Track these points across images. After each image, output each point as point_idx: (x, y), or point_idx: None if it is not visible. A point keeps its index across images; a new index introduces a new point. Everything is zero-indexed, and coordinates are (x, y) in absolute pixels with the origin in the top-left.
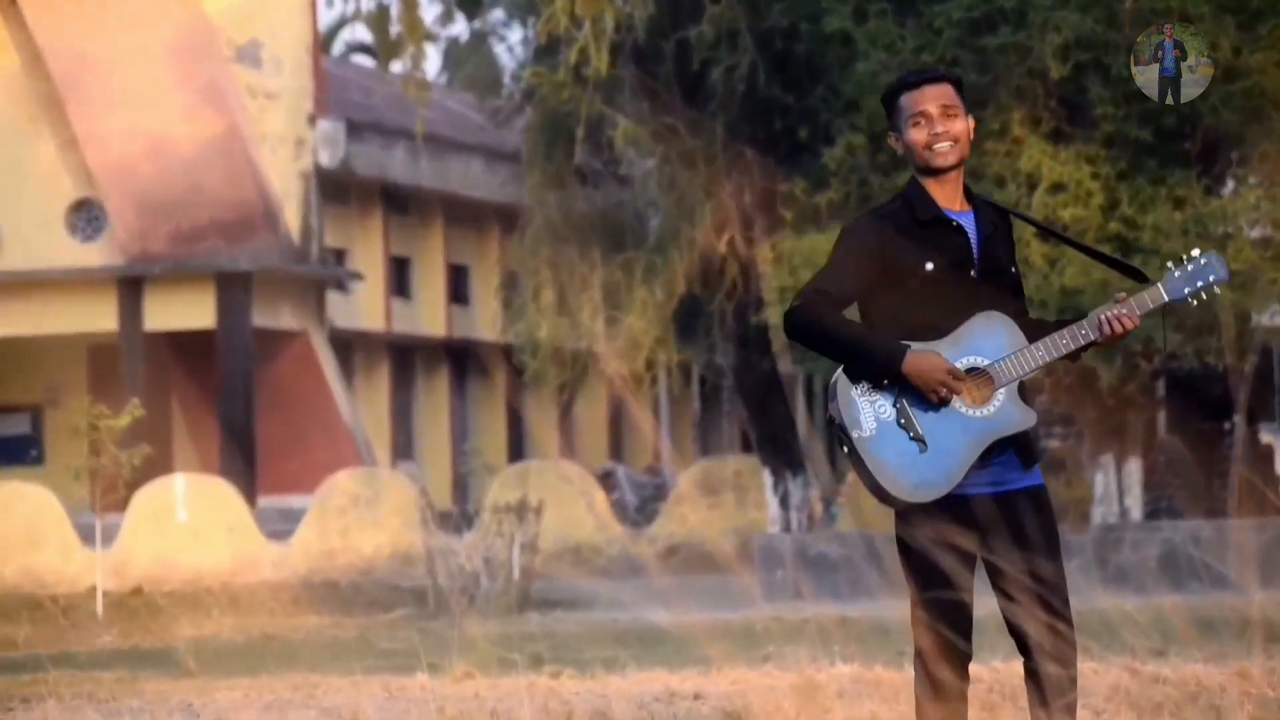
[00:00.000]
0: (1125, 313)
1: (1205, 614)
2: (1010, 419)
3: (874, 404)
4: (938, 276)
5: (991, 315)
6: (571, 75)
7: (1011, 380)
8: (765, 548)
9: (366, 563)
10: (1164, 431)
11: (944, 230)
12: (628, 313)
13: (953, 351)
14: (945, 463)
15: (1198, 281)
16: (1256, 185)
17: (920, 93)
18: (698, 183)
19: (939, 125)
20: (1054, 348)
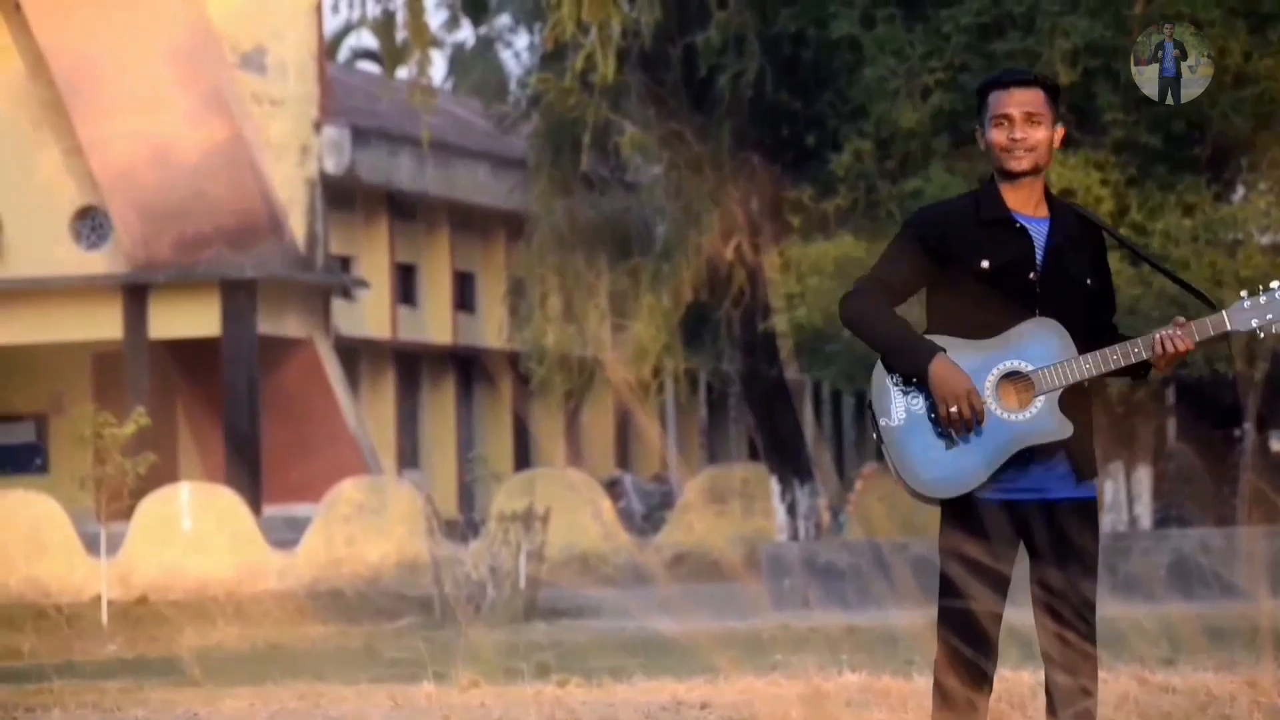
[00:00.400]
0: (1181, 334)
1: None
2: (1045, 427)
3: (907, 395)
4: (994, 275)
5: (1045, 321)
6: (578, 81)
7: (1053, 389)
8: (772, 556)
9: (372, 571)
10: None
11: (1007, 230)
12: (634, 320)
13: (997, 353)
14: (971, 462)
15: (1268, 315)
16: (1267, 191)
17: (1008, 94)
18: (705, 189)
19: (1019, 131)
20: (1104, 362)
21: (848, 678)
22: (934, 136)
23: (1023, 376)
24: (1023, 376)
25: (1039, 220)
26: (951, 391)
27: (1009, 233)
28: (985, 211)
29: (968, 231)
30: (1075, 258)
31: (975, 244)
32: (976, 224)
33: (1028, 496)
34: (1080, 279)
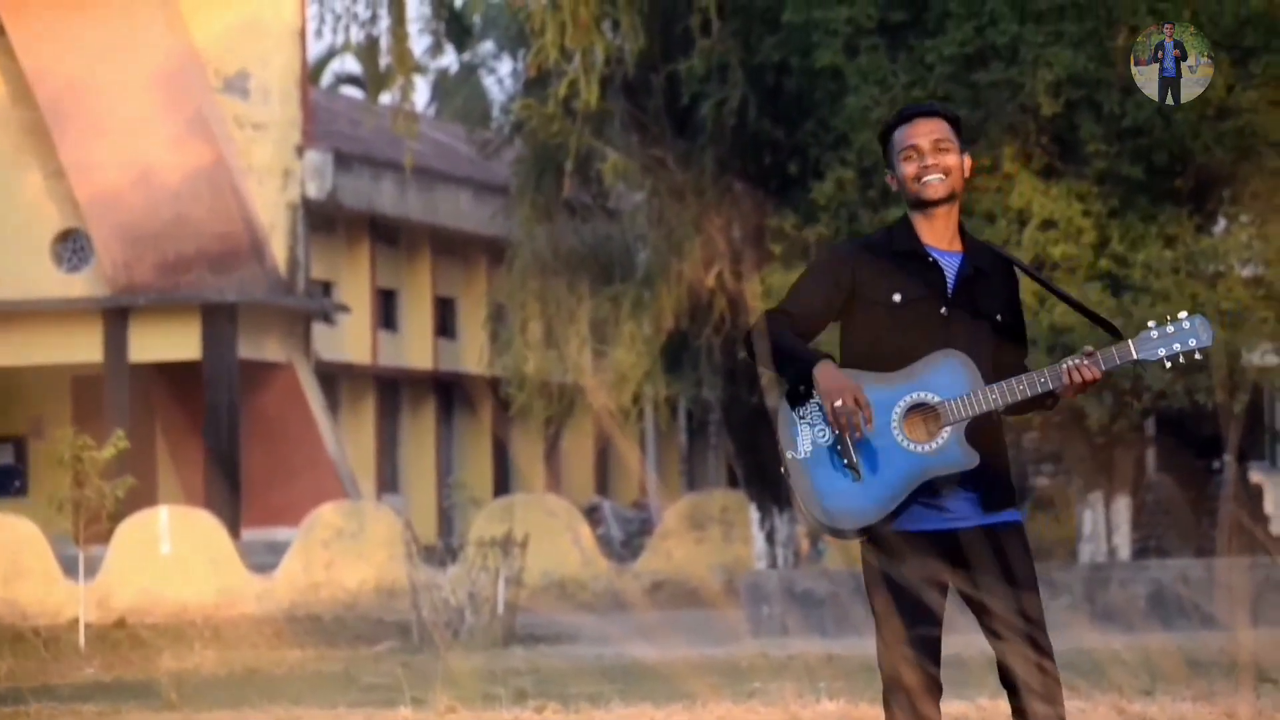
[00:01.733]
0: (1089, 364)
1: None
2: (952, 458)
3: (814, 428)
4: (905, 308)
5: (952, 354)
6: (561, 108)
7: (959, 420)
8: (751, 584)
9: (350, 596)
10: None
11: (919, 264)
12: (615, 347)
13: (904, 385)
14: (877, 494)
15: (1175, 345)
16: (1248, 224)
17: (913, 126)
18: (687, 217)
19: (929, 158)
20: (1010, 392)
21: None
22: None
23: (930, 408)
24: (930, 408)
25: (952, 254)
26: (835, 388)
27: (921, 266)
28: (898, 244)
29: (880, 265)
30: (987, 292)
31: (887, 277)
32: (889, 257)
33: (951, 525)
34: (990, 313)
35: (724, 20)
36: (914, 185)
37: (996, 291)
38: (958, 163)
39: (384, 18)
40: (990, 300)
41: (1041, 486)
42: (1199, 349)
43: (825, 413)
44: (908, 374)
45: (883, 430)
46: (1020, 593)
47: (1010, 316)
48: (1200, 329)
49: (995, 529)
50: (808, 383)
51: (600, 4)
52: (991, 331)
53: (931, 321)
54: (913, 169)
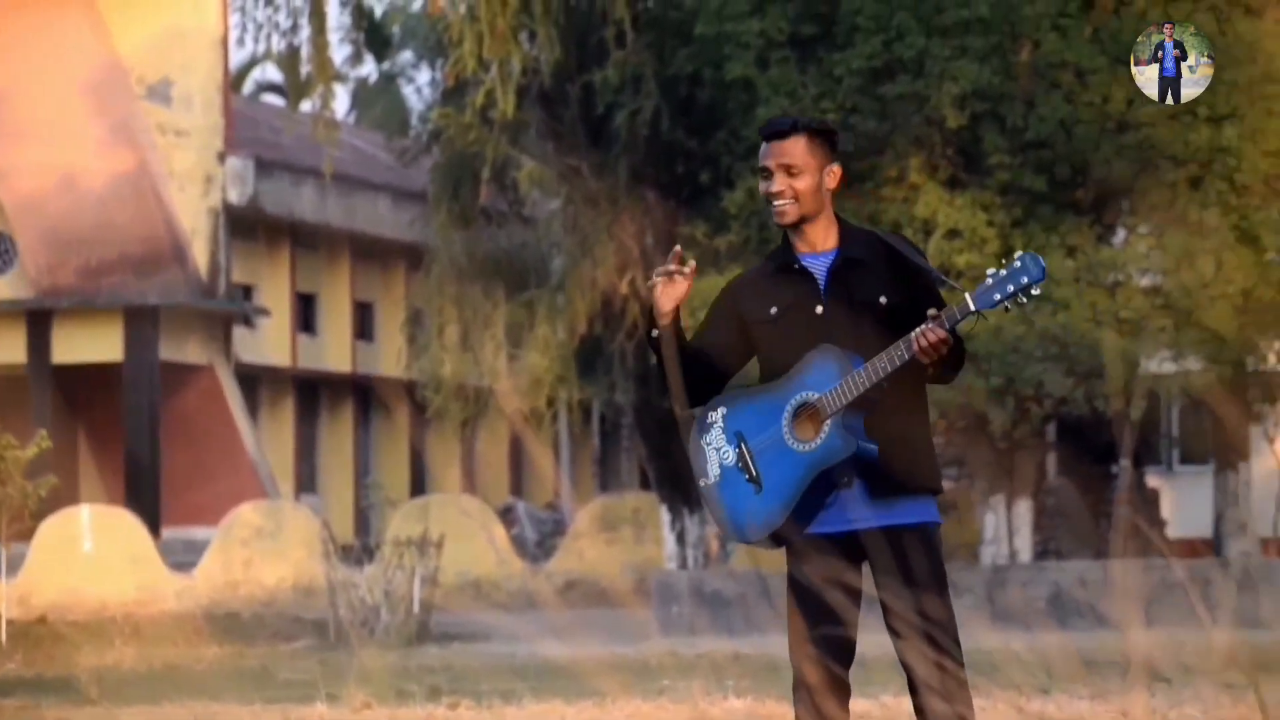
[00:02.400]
0: (933, 325)
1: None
2: (832, 450)
3: (719, 451)
4: (782, 318)
5: (823, 349)
6: (478, 117)
7: (837, 410)
8: (661, 584)
9: (268, 594)
10: (1054, 475)
11: (788, 275)
12: (530, 351)
13: (787, 390)
14: (777, 498)
15: (1009, 286)
16: (1147, 234)
17: (766, 146)
18: (601, 224)
19: (776, 184)
20: (874, 371)
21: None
22: None
23: (812, 406)
24: (812, 406)
25: (824, 255)
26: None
27: (790, 276)
28: (776, 260)
29: (759, 286)
30: (863, 280)
31: (764, 295)
32: (768, 275)
33: (859, 526)
34: (872, 299)
35: (638, 32)
36: (770, 208)
37: (877, 277)
38: (809, 184)
39: (304, 27)
40: (869, 287)
41: (946, 491)
42: (1033, 284)
43: (726, 434)
44: (789, 379)
45: (777, 438)
46: (922, 592)
47: (904, 296)
48: (1030, 264)
49: (911, 528)
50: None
51: (517, 15)
52: (877, 317)
53: (809, 324)
54: (764, 189)
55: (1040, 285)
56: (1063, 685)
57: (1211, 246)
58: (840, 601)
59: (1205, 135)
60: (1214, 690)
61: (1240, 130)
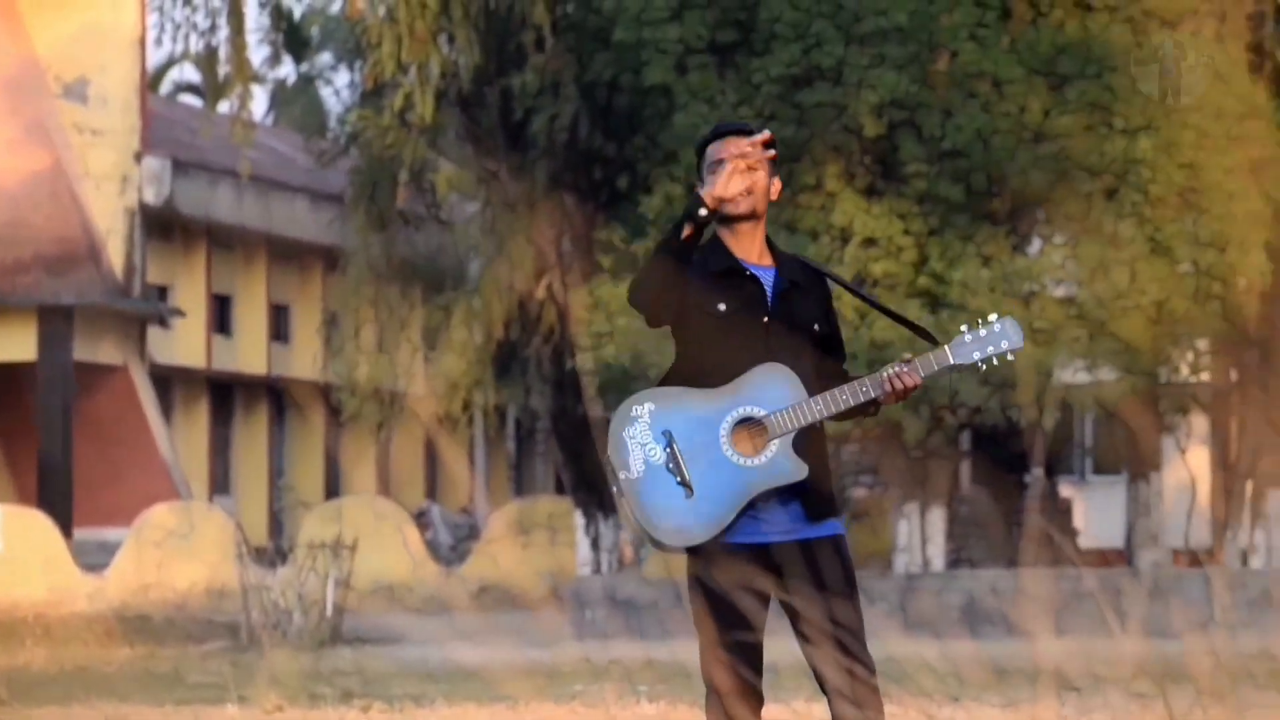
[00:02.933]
0: (907, 371)
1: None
2: (780, 470)
3: (644, 447)
4: (730, 319)
5: (775, 367)
6: (396, 119)
7: (786, 432)
8: (575, 589)
9: (181, 596)
10: (967, 483)
11: (737, 279)
12: (446, 354)
13: (732, 400)
14: (711, 508)
15: (988, 347)
16: (1062, 244)
17: (724, 143)
18: (518, 228)
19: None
20: (833, 403)
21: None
22: None
23: (756, 422)
24: (756, 422)
25: (765, 268)
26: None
27: (740, 280)
28: (714, 263)
29: (704, 280)
30: (803, 303)
31: (712, 290)
32: (707, 274)
33: (773, 538)
34: (809, 323)
35: (557, 37)
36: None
37: (811, 303)
38: (764, 183)
39: (223, 28)
40: (806, 311)
41: (859, 498)
42: (1011, 350)
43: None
44: (733, 389)
45: (711, 446)
46: (837, 602)
47: (827, 326)
48: (1010, 330)
49: (816, 541)
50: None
51: (436, 18)
52: (811, 341)
53: (754, 333)
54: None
55: (1017, 352)
56: (973, 693)
57: (1126, 258)
58: (751, 608)
59: (1120, 147)
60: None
61: (1155, 142)
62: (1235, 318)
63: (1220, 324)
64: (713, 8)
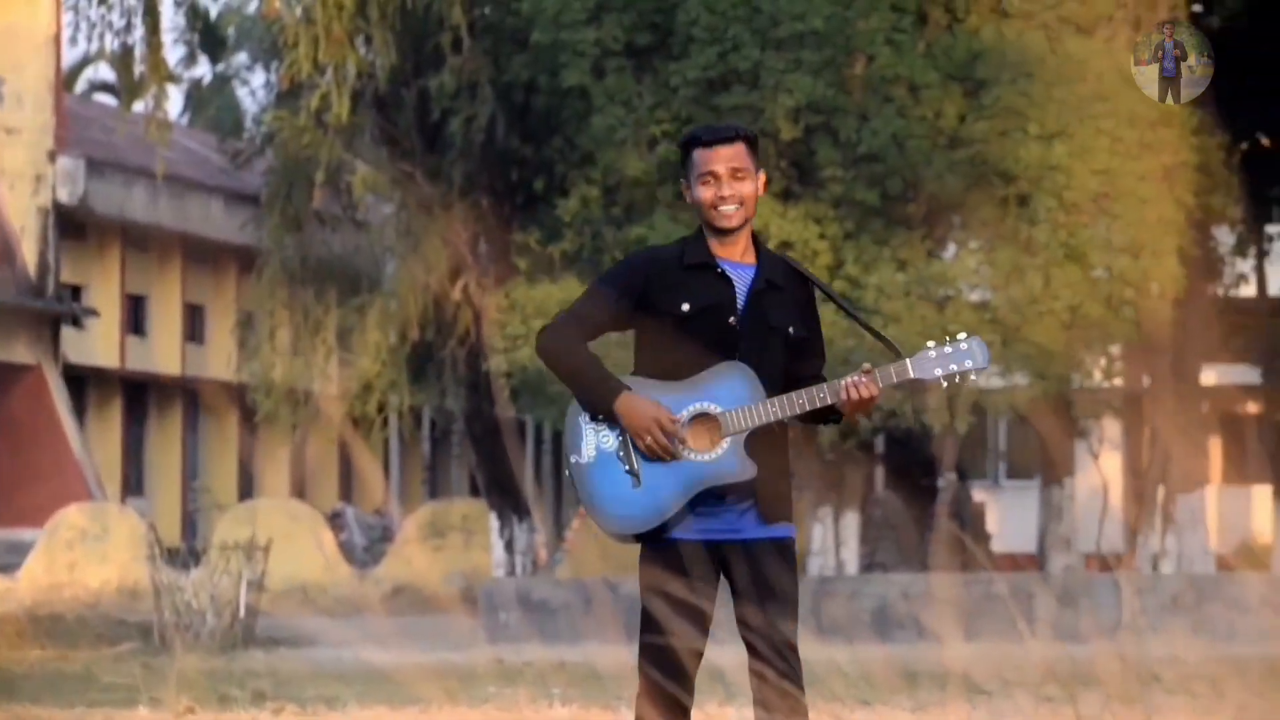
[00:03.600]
0: (866, 381)
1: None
2: (728, 468)
3: (598, 433)
4: (695, 318)
5: (736, 365)
6: (313, 120)
7: (739, 431)
8: (489, 591)
9: (93, 597)
10: (881, 487)
11: (709, 275)
12: (361, 356)
13: (688, 395)
14: (655, 500)
15: (951, 365)
16: (977, 249)
17: (713, 152)
18: (434, 230)
19: (726, 188)
20: (789, 406)
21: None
22: (659, 185)
23: (711, 418)
24: (711, 418)
25: (745, 267)
26: (642, 425)
27: (711, 277)
28: (690, 257)
29: (672, 276)
30: (779, 305)
31: (678, 288)
32: (681, 269)
33: (723, 536)
34: (782, 326)
35: (474, 39)
36: (710, 212)
37: (789, 304)
38: (753, 190)
39: (138, 27)
40: (782, 313)
41: None
42: (975, 370)
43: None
44: (693, 384)
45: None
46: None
47: (804, 329)
48: (977, 350)
49: (767, 543)
50: (606, 413)
51: (353, 19)
52: (783, 344)
53: (719, 332)
54: (710, 195)
55: (981, 373)
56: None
57: (1040, 263)
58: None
59: (1035, 152)
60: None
61: (1070, 148)
62: (1148, 323)
63: (1133, 330)
64: (630, 11)
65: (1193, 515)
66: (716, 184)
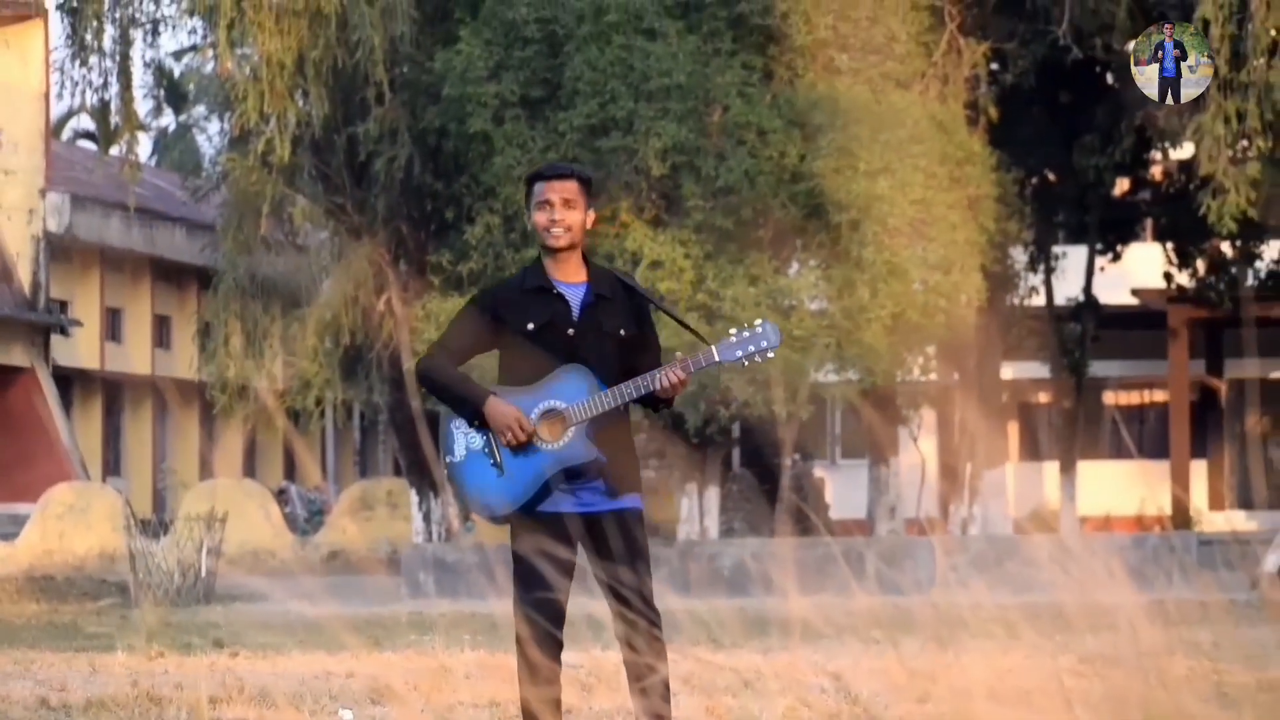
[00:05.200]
0: (679, 369)
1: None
2: (575, 453)
3: (467, 435)
4: (539, 333)
5: (575, 367)
6: (259, 161)
7: (582, 420)
8: (410, 555)
9: (79, 561)
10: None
11: (547, 296)
12: (301, 358)
13: (536, 396)
14: (515, 486)
15: (750, 347)
16: (815, 267)
17: (548, 184)
18: (362, 252)
19: (557, 213)
20: (620, 395)
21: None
22: None
23: (558, 412)
24: (558, 412)
25: (576, 286)
26: (503, 423)
27: (549, 298)
28: (529, 282)
29: (517, 300)
30: (609, 314)
31: (523, 310)
32: (523, 293)
33: (581, 510)
34: (614, 330)
35: (395, 92)
36: (543, 233)
37: (619, 312)
38: (580, 219)
39: (114, 84)
40: (613, 319)
41: (648, 478)
42: (770, 349)
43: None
44: (540, 386)
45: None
46: (634, 565)
47: (636, 330)
48: (770, 332)
49: (619, 513)
50: (479, 417)
51: (293, 77)
52: (617, 345)
53: (561, 342)
54: (544, 219)
55: (775, 351)
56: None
57: (867, 278)
58: (557, 571)
59: (863, 186)
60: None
61: (891, 182)
62: (957, 328)
63: (945, 333)
64: (525, 69)
65: (994, 488)
66: (550, 210)
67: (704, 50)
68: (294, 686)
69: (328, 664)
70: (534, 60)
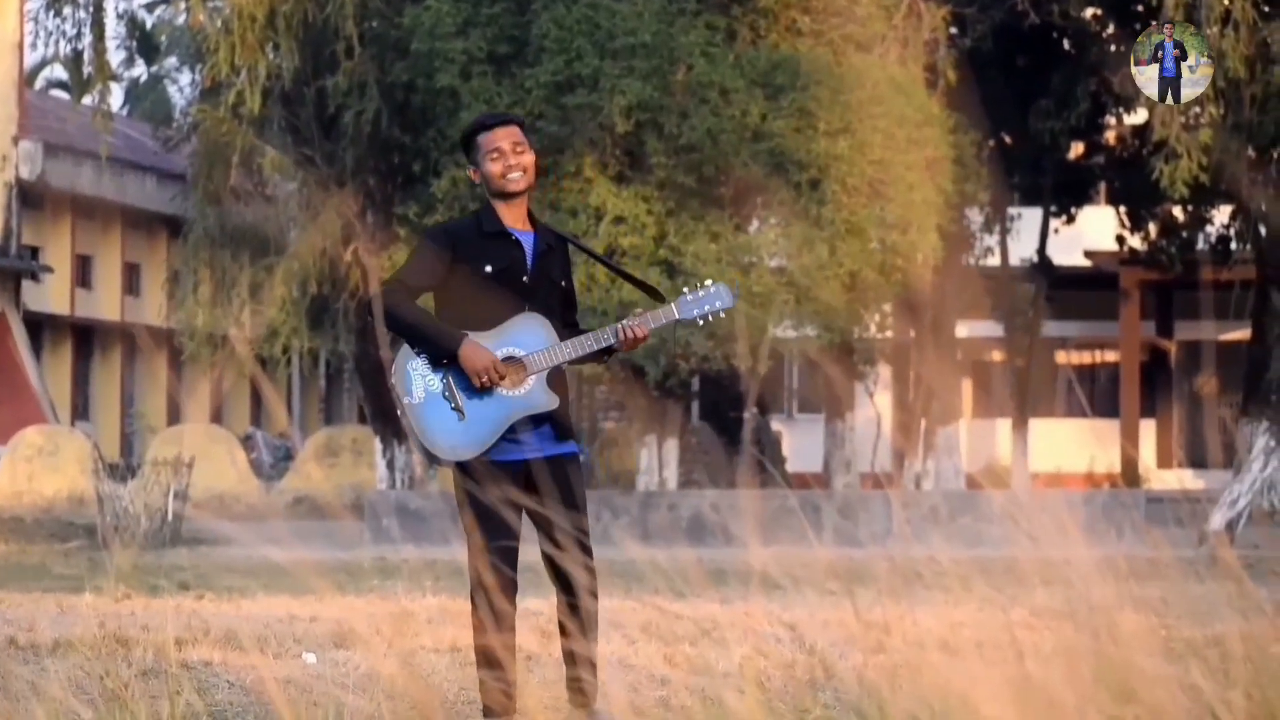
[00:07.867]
0: (638, 324)
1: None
2: (536, 400)
3: (425, 377)
4: (495, 278)
5: (533, 316)
6: (230, 113)
7: (542, 369)
8: (373, 501)
9: (48, 503)
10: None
11: (504, 242)
12: (269, 307)
13: (496, 341)
14: (478, 430)
15: (705, 306)
16: (775, 225)
17: (494, 133)
18: (330, 204)
19: (512, 159)
20: (580, 346)
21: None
22: None
23: (518, 360)
24: (518, 360)
25: (527, 234)
26: (479, 366)
27: (506, 243)
28: (486, 226)
29: (474, 244)
30: (554, 264)
31: (480, 253)
32: (480, 237)
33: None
34: (558, 281)
35: (363, 47)
36: (500, 180)
37: (560, 263)
38: (533, 160)
39: (87, 35)
40: (557, 271)
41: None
42: (723, 308)
43: (432, 364)
44: (499, 332)
45: None
46: (575, 510)
47: (568, 284)
48: (723, 293)
49: (559, 459)
50: (450, 356)
51: (264, 30)
52: (560, 296)
53: (516, 288)
54: (499, 167)
55: (729, 310)
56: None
57: (826, 236)
58: (512, 517)
59: (824, 145)
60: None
61: (851, 142)
62: (913, 286)
63: (901, 291)
64: (493, 25)
65: (949, 443)
66: (503, 157)
67: (669, 10)
68: (259, 629)
69: (292, 607)
70: (502, 17)
